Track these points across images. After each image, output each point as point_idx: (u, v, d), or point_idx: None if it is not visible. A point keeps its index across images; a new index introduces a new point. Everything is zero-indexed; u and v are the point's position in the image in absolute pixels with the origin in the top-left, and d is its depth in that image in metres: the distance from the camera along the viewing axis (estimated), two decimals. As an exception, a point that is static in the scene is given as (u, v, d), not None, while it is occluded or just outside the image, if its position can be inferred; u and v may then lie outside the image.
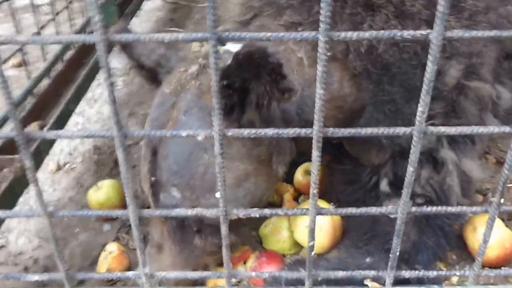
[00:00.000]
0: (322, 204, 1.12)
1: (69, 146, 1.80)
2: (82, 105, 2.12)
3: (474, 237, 1.08)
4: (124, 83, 2.30)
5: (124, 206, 1.35)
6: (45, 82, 1.59)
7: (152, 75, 1.12)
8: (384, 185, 1.08)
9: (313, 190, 0.61)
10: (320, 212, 0.63)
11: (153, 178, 1.00)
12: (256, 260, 1.03)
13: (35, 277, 0.74)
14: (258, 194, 1.03)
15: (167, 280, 0.72)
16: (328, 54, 0.51)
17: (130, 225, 1.31)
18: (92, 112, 2.11)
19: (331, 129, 0.57)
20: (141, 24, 2.83)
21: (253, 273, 0.72)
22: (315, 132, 0.57)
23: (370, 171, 1.13)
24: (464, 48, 1.04)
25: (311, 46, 1.03)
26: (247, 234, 1.22)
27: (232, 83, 0.87)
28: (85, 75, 1.76)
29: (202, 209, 0.64)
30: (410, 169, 0.59)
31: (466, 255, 1.11)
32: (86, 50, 1.85)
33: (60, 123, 1.49)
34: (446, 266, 1.06)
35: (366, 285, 0.83)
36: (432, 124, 0.59)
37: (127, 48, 1.07)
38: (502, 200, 0.63)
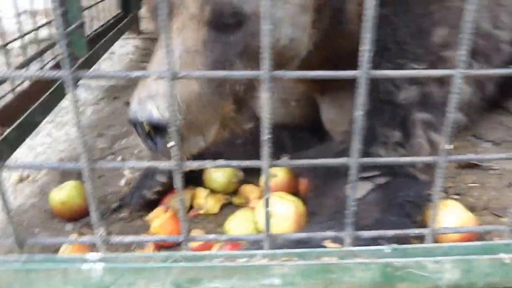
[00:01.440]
0: (287, 196, 1.12)
1: (34, 161, 1.77)
2: (49, 128, 2.13)
3: (435, 221, 1.08)
4: (93, 111, 2.31)
5: (86, 206, 1.31)
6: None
7: None
8: None
9: (265, 135, 0.61)
10: (274, 164, 0.64)
11: None
12: (220, 248, 1.01)
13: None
14: (304, 41, 1.07)
15: (121, 243, 0.70)
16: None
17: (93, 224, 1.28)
18: (60, 134, 2.09)
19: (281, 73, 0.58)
20: (113, 66, 3.01)
21: (211, 236, 0.71)
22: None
23: (340, 141, 1.10)
24: None
25: None
26: (212, 231, 1.21)
27: None
28: (52, 92, 1.75)
29: (155, 162, 0.64)
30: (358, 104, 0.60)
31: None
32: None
33: (23, 131, 1.46)
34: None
35: (324, 246, 0.82)
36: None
37: None
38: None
